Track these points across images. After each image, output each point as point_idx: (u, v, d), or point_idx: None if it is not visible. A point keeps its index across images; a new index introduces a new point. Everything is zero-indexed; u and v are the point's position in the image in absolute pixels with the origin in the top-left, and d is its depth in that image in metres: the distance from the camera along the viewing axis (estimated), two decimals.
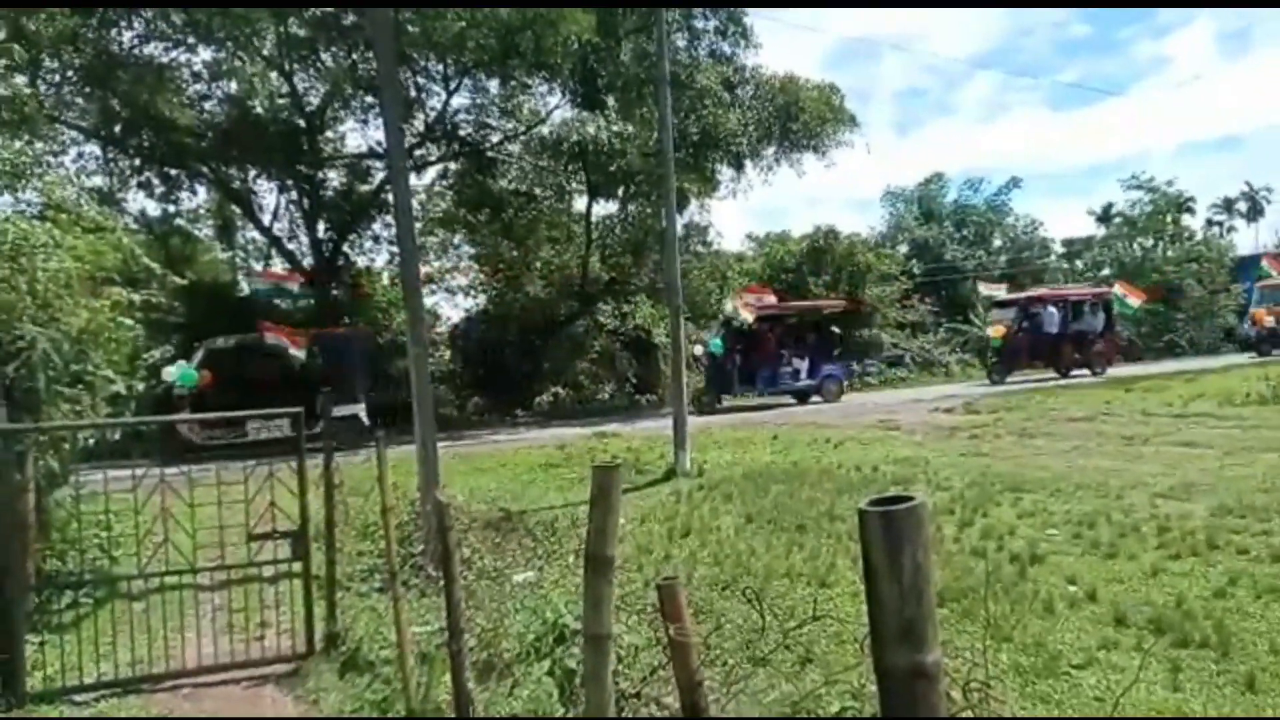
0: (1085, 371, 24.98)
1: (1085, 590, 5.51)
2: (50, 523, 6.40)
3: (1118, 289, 28.55)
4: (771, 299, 23.87)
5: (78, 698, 5.04)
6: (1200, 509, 7.15)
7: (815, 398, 22.31)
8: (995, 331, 25.07)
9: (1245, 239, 58.40)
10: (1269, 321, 28.56)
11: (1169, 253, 38.86)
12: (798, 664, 4.58)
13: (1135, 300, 28.10)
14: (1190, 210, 48.04)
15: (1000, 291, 28.83)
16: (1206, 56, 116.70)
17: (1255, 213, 62.00)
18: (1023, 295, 27.03)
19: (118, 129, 21.05)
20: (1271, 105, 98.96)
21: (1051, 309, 25.23)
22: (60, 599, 6.04)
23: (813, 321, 23.99)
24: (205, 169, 22.69)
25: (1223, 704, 4.08)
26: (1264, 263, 32.21)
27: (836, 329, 24.33)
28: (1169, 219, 42.17)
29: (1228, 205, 61.45)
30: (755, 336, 22.61)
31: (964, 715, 1.84)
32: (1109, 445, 10.76)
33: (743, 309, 22.38)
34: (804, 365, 22.70)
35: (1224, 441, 10.31)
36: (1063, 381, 22.78)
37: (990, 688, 1.64)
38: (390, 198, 19.83)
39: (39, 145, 10.36)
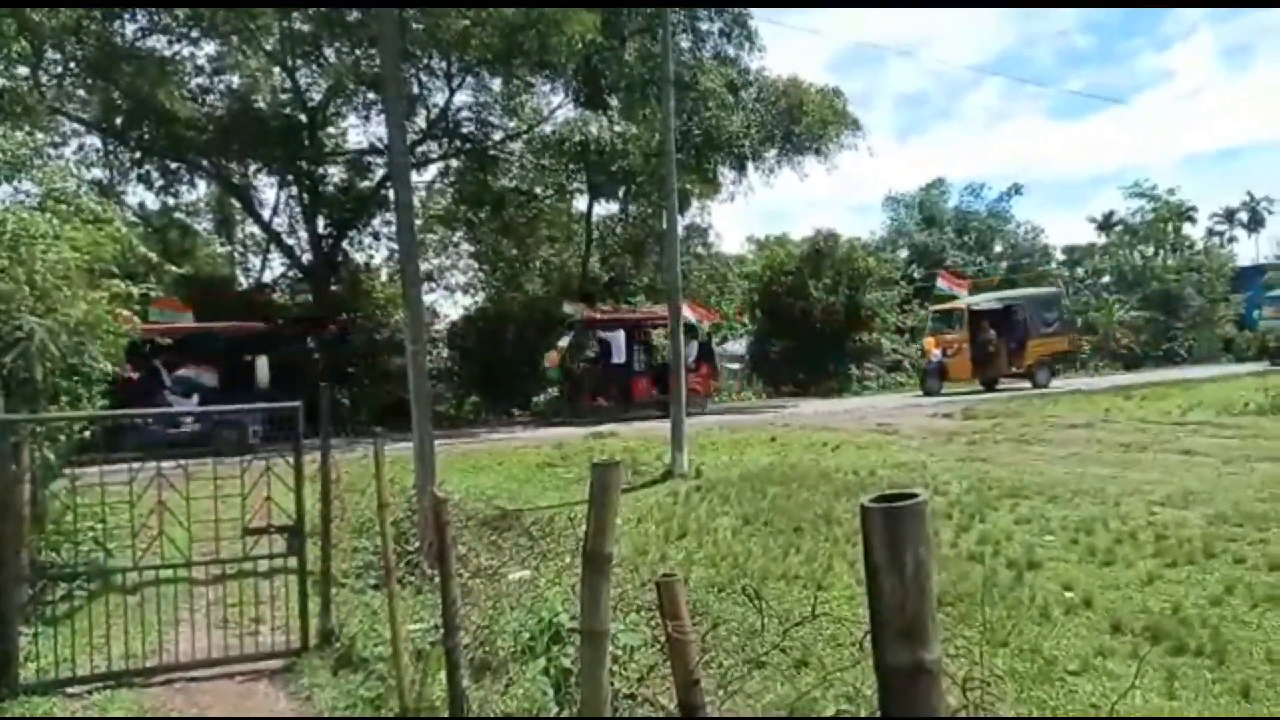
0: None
1: (1082, 597, 5.50)
2: (45, 514, 6.38)
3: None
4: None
5: (70, 690, 5.03)
6: (1197, 517, 7.14)
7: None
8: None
9: (1246, 249, 58.59)
10: None
11: (1169, 261, 38.94)
12: (794, 665, 4.57)
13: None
14: (1191, 220, 48.19)
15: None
16: (1209, 69, 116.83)
17: (1256, 223, 62.10)
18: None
19: (119, 121, 21.04)
20: (1273, 118, 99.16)
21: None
22: (54, 591, 6.03)
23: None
24: (206, 163, 22.67)
25: (1218, 712, 4.08)
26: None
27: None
28: (1170, 228, 42.27)
29: (1229, 216, 61.56)
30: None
31: (963, 714, 1.83)
32: (1107, 452, 10.75)
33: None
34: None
35: (1222, 450, 10.31)
36: (1057, 389, 22.48)
37: (989, 685, 1.63)
38: (391, 194, 19.85)
39: (40, 136, 10.31)
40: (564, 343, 21.31)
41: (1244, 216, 62.05)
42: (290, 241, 25.32)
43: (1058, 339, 24.21)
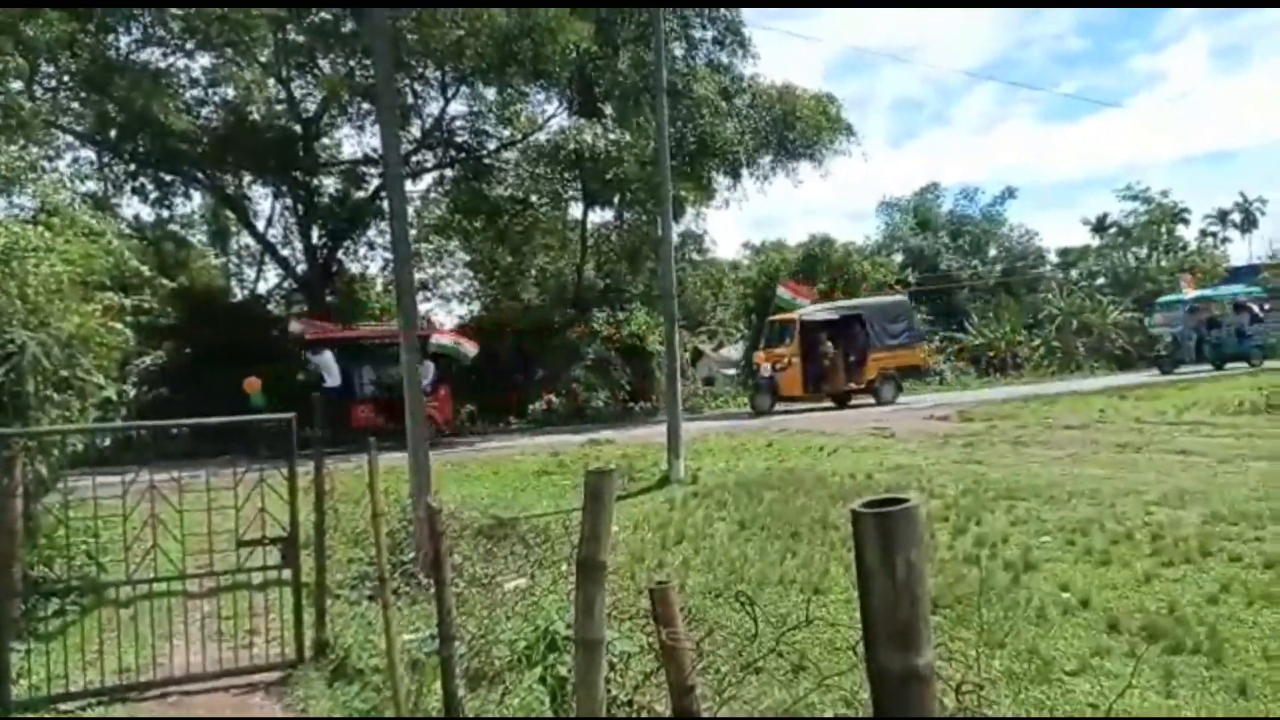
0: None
1: (1078, 597, 5.50)
2: (38, 529, 6.34)
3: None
4: None
5: (64, 706, 4.99)
6: (1193, 516, 7.15)
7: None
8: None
9: (1239, 250, 58.77)
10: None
11: (1163, 262, 39.09)
12: (791, 671, 4.55)
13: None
14: (1185, 221, 48.35)
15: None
16: (1201, 71, 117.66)
17: (1249, 224, 62.35)
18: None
19: (113, 134, 21.04)
20: (1266, 119, 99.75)
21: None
22: (47, 606, 5.99)
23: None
24: (200, 175, 22.69)
25: (1215, 710, 4.07)
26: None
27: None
28: (1163, 229, 42.44)
29: (1222, 216, 61.80)
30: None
31: (957, 718, 1.82)
32: (1102, 453, 10.76)
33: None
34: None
35: (1217, 449, 10.32)
36: (1057, 389, 22.38)
37: (983, 689, 1.62)
38: (385, 204, 19.84)
39: (34, 150, 10.33)
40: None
41: (1237, 217, 62.32)
42: (285, 252, 25.34)
43: (904, 351, 22.23)
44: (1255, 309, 26.86)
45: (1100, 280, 41.22)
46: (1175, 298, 28.28)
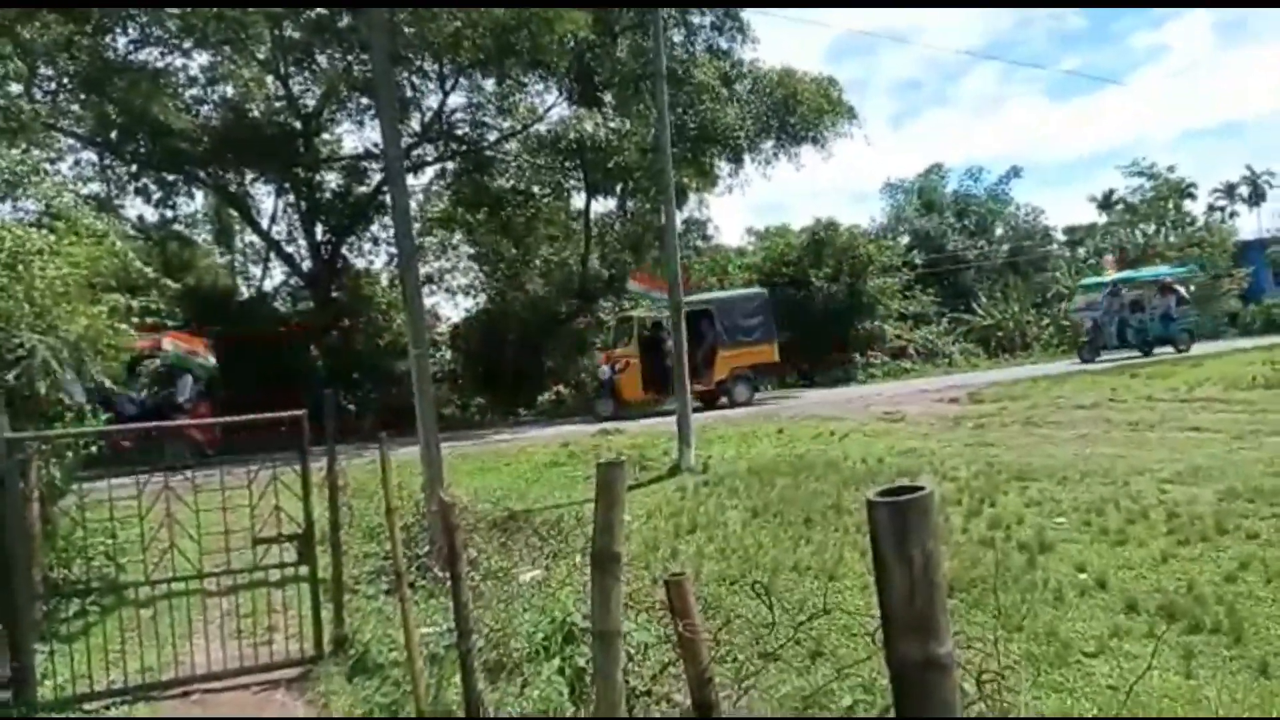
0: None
1: (1095, 578, 5.49)
2: (56, 531, 6.39)
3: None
4: None
5: (88, 706, 5.04)
6: (1208, 494, 7.11)
7: None
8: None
9: (1248, 224, 58.26)
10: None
11: (1171, 239, 38.78)
12: (808, 658, 4.56)
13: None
14: (1192, 196, 47.89)
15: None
16: (1204, 44, 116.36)
17: (1257, 197, 61.75)
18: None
19: (114, 135, 21.06)
20: (1271, 91, 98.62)
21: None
22: (68, 607, 6.04)
23: None
24: (202, 174, 22.69)
25: (1236, 690, 4.06)
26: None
27: None
28: (1171, 205, 42.08)
29: (1229, 190, 61.22)
30: None
31: (977, 705, 1.82)
32: (1115, 432, 10.71)
33: None
34: None
35: (1231, 426, 10.26)
36: (1064, 369, 22.32)
37: (1004, 678, 1.62)
38: (388, 199, 19.83)
39: (36, 153, 10.34)
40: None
41: (1245, 191, 61.74)
42: (290, 249, 25.36)
43: (759, 348, 20.46)
44: (1182, 290, 25.90)
45: (1108, 257, 40.91)
46: (1095, 280, 27.26)
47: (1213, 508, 6.66)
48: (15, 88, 14.90)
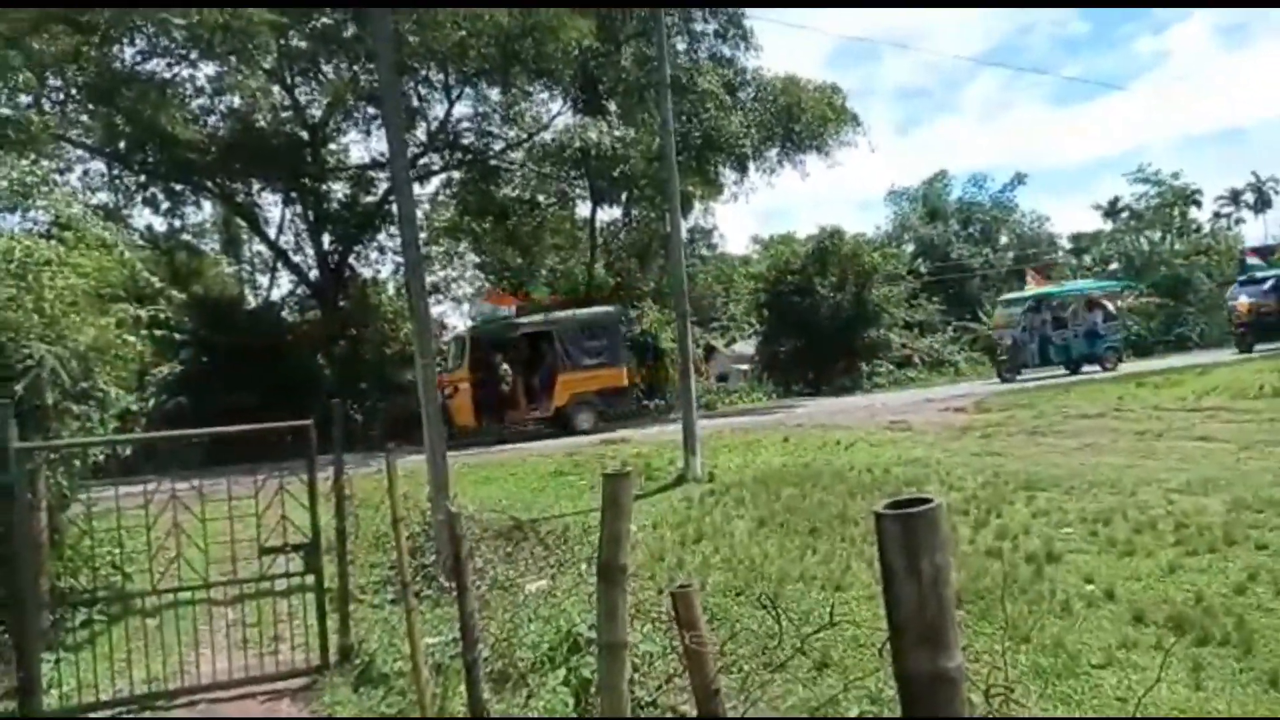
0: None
1: (1103, 589, 5.46)
2: (63, 540, 6.41)
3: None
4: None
5: (93, 715, 5.05)
6: (1217, 504, 7.07)
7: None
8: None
9: (1254, 230, 58.11)
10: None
11: (1176, 246, 38.72)
12: (815, 669, 4.54)
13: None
14: (1197, 203, 47.86)
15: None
16: (1206, 50, 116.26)
17: (1263, 204, 61.58)
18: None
19: (122, 146, 21.19)
20: (1275, 96, 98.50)
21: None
22: (74, 617, 6.05)
23: None
24: (210, 184, 22.82)
25: (1246, 702, 4.03)
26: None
27: None
28: (1176, 212, 42.05)
29: (1234, 197, 61.07)
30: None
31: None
32: (1122, 441, 10.67)
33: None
34: None
35: (1239, 435, 10.21)
36: (1072, 376, 22.22)
37: (1012, 691, 1.61)
38: (394, 208, 19.91)
39: (45, 164, 10.40)
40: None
41: (1250, 197, 61.57)
42: (297, 259, 25.46)
43: (606, 372, 18.86)
44: (1110, 306, 25.01)
45: (1114, 265, 40.89)
46: (1015, 295, 26.14)
47: (1221, 518, 6.62)
48: (25, 99, 15.03)
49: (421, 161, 23.72)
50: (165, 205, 23.05)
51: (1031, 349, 23.20)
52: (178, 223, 24.43)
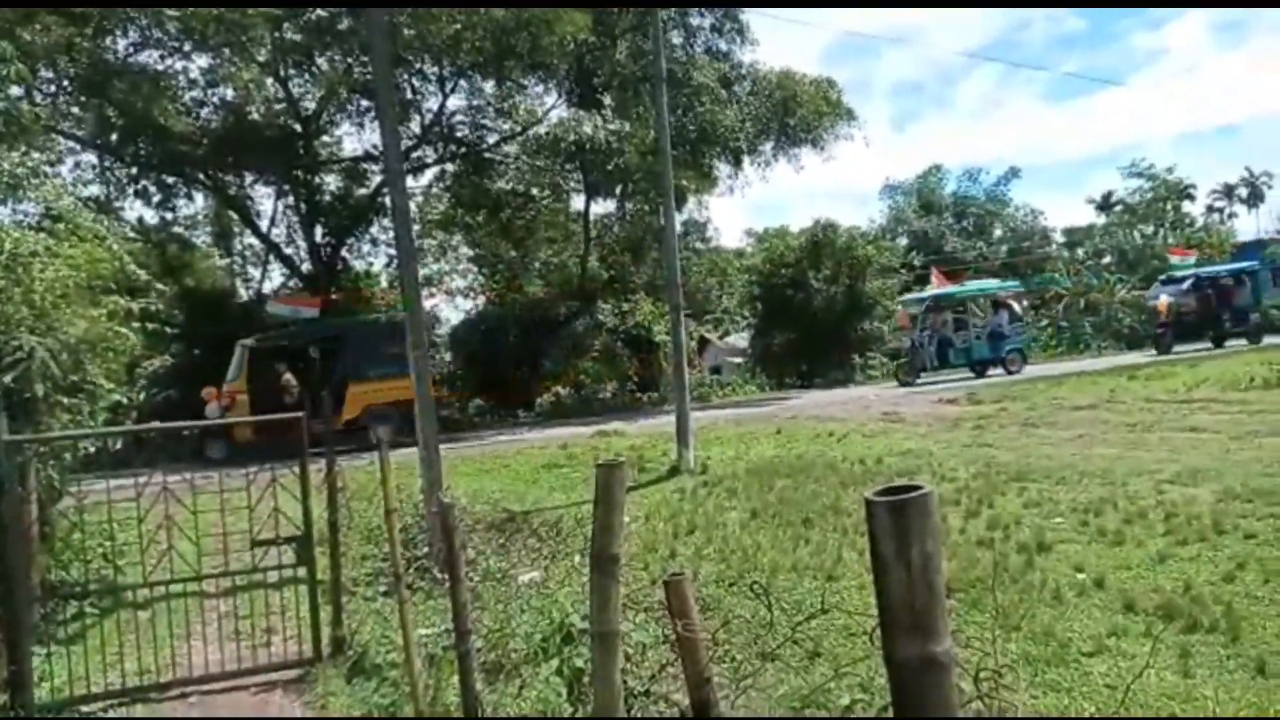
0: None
1: (1093, 578, 5.49)
2: (54, 533, 6.39)
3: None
4: None
5: (85, 708, 5.04)
6: (1206, 494, 7.12)
7: None
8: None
9: (1247, 225, 58.38)
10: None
11: (1170, 240, 38.84)
12: (806, 658, 4.56)
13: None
14: (1190, 197, 48.03)
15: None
16: (1202, 46, 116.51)
17: (1256, 199, 61.81)
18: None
19: (114, 137, 21.06)
20: (1269, 92, 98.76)
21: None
22: (66, 609, 6.04)
23: None
24: (202, 176, 22.70)
25: (1233, 689, 4.06)
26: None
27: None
28: (1169, 206, 42.18)
29: (1228, 192, 61.29)
30: None
31: (975, 704, 1.82)
32: (1113, 433, 10.72)
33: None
34: None
35: (1229, 426, 10.26)
36: (1065, 369, 22.23)
37: (1002, 676, 1.62)
38: (388, 201, 19.85)
39: (36, 155, 10.32)
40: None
41: (1243, 192, 61.80)
42: (289, 251, 25.36)
43: (406, 382, 18.85)
44: (1015, 306, 24.08)
45: (1106, 259, 41.01)
46: (914, 296, 25.09)
47: (1211, 508, 6.66)
48: (16, 90, 14.90)
49: (415, 154, 23.63)
50: (157, 198, 22.93)
51: (930, 351, 22.29)
52: (169, 215, 24.28)
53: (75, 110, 20.57)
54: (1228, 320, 24.16)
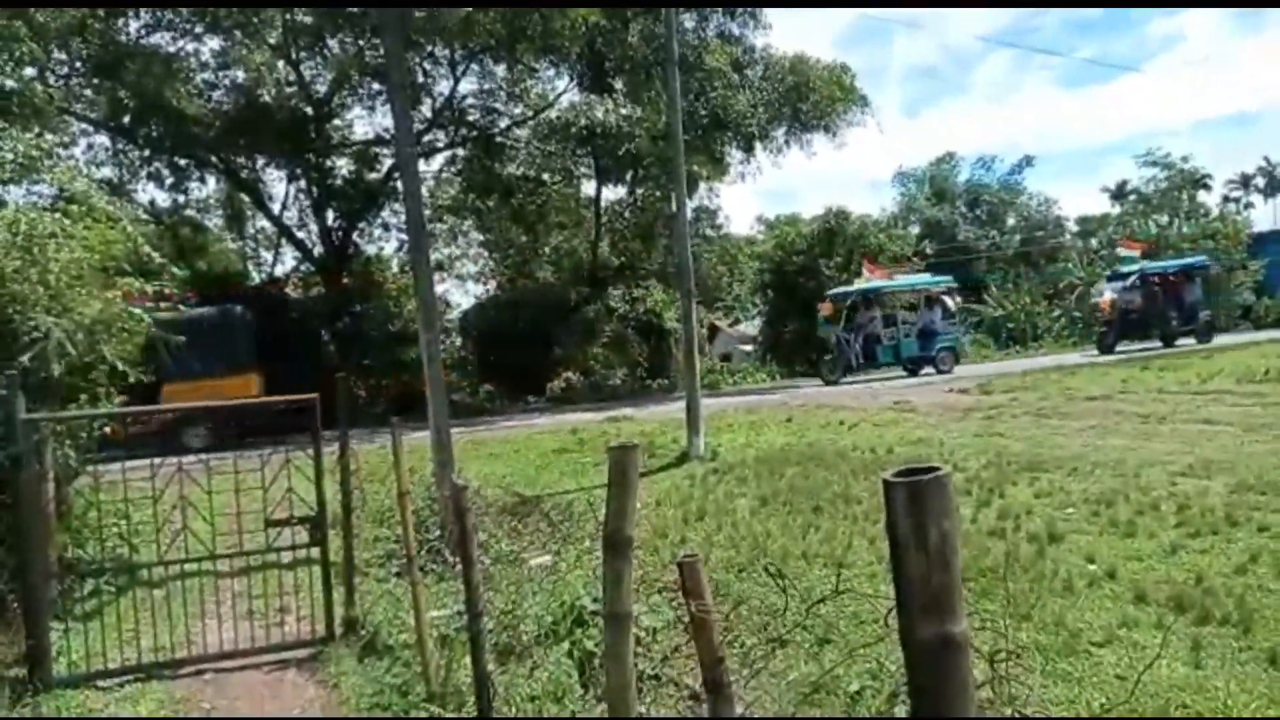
0: None
1: (1104, 569, 5.47)
2: (70, 512, 6.45)
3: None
4: None
5: (102, 684, 5.11)
6: (1219, 486, 7.07)
7: None
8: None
9: (1264, 215, 57.73)
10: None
11: (1185, 229, 38.43)
12: (817, 644, 4.58)
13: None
14: (1206, 187, 47.57)
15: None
16: (1220, 33, 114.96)
17: (1273, 188, 61.12)
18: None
19: (126, 120, 21.12)
20: None
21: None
22: (82, 587, 6.12)
23: None
24: (214, 158, 22.76)
25: (1245, 680, 4.05)
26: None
27: None
28: (1184, 195, 41.71)
29: (1245, 181, 60.66)
30: None
31: (991, 685, 1.82)
32: (1126, 424, 10.66)
33: None
34: None
35: (1243, 418, 10.19)
36: (1078, 359, 22.04)
37: (1019, 656, 1.62)
38: (399, 184, 19.86)
39: (49, 137, 10.36)
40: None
41: (1260, 181, 61.13)
42: (301, 235, 25.44)
43: (231, 381, 15.72)
44: (949, 302, 22.95)
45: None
46: (842, 290, 23.57)
47: (1223, 500, 6.63)
48: (29, 71, 14.95)
49: (426, 138, 23.62)
50: (169, 180, 23.04)
51: (856, 349, 21.48)
52: (181, 198, 24.42)
53: (88, 92, 20.64)
54: (1175, 318, 23.23)
